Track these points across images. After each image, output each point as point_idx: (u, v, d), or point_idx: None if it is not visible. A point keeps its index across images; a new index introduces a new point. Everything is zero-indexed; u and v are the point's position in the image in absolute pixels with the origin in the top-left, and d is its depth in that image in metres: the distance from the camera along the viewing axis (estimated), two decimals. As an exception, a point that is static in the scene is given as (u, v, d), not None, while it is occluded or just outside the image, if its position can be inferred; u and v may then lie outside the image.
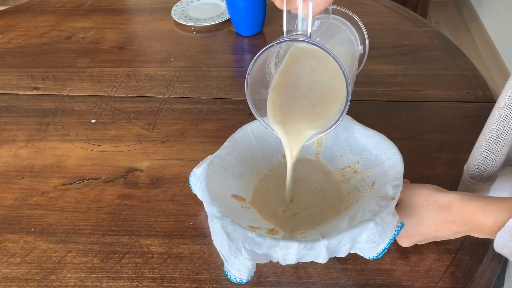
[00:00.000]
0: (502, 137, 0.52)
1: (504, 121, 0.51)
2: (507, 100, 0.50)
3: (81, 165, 0.71)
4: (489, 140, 0.53)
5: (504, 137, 0.52)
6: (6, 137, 0.77)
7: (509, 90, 0.50)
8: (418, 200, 0.51)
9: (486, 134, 0.54)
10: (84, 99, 0.85)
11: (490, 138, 0.53)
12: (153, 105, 0.83)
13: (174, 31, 1.05)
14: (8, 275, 0.57)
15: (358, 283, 0.54)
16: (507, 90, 0.50)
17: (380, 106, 0.80)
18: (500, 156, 0.54)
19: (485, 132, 0.54)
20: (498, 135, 0.52)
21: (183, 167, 0.70)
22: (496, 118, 0.52)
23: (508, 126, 0.51)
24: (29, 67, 0.95)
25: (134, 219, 0.63)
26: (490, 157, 0.54)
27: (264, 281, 0.55)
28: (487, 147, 0.54)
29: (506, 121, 0.51)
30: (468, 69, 0.86)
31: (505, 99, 0.50)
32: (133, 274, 0.56)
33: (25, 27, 1.09)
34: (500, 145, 0.53)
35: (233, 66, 0.94)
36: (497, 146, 0.53)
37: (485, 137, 0.54)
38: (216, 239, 0.50)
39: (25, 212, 0.65)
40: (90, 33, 1.05)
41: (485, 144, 0.54)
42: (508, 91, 0.50)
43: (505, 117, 0.51)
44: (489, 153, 0.54)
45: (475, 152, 0.56)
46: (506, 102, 0.50)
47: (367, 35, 0.63)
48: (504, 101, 0.50)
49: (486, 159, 0.55)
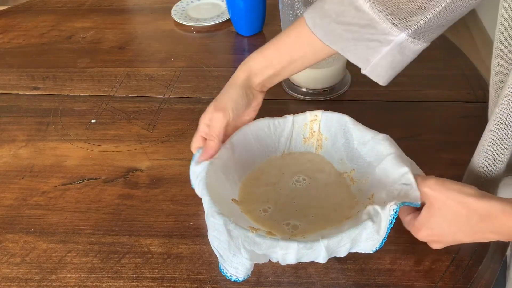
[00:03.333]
0: (499, 157, 0.52)
1: (498, 143, 0.51)
2: (498, 123, 0.50)
3: (81, 165, 0.71)
4: (486, 162, 0.53)
5: (501, 157, 0.52)
6: (6, 137, 0.77)
7: (498, 113, 0.50)
8: (456, 206, 0.47)
9: (481, 156, 0.53)
10: (84, 99, 0.85)
11: (487, 160, 0.53)
12: (153, 105, 0.83)
13: (174, 31, 1.05)
14: (8, 275, 0.57)
15: (358, 283, 0.54)
16: (496, 113, 0.50)
17: (380, 106, 0.80)
18: (499, 173, 0.54)
19: (480, 155, 0.54)
20: (495, 156, 0.52)
21: (183, 167, 0.70)
22: (490, 141, 0.52)
23: (504, 147, 0.51)
24: (29, 67, 0.95)
25: (134, 219, 0.63)
26: (489, 176, 0.54)
27: (264, 281, 0.55)
28: (484, 168, 0.54)
29: (500, 143, 0.51)
30: (468, 69, 0.86)
31: (496, 121, 0.50)
32: (133, 274, 0.56)
33: (25, 27, 1.09)
34: (497, 165, 0.53)
35: (233, 66, 0.93)
36: (495, 166, 0.53)
37: (480, 159, 0.54)
38: (214, 236, 0.50)
39: (25, 212, 0.65)
40: (90, 33, 1.05)
41: (481, 165, 0.54)
42: (497, 114, 0.50)
43: (498, 139, 0.51)
44: (487, 174, 0.54)
45: (471, 169, 0.56)
46: (497, 125, 0.50)
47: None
48: (495, 123, 0.50)
49: (485, 177, 0.55)
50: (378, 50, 0.55)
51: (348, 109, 0.61)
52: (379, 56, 0.56)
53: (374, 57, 0.56)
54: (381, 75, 0.58)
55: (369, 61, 0.57)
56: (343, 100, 0.82)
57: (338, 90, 0.83)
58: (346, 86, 0.84)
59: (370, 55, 0.56)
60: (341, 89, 0.83)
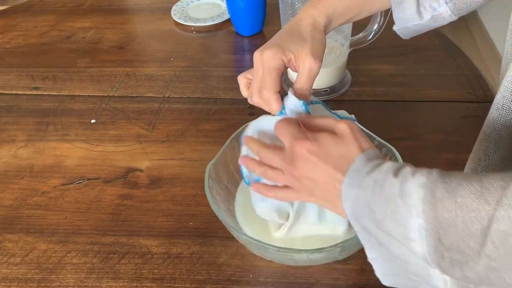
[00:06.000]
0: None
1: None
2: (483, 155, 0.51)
3: (80, 165, 0.71)
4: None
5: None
6: (6, 137, 0.77)
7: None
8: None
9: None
10: (84, 99, 0.85)
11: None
12: (153, 105, 0.83)
13: (174, 31, 1.04)
14: (7, 275, 0.57)
15: (358, 283, 0.54)
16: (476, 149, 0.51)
17: (380, 106, 0.80)
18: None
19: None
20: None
21: (183, 167, 0.70)
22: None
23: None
24: (29, 67, 0.95)
25: (134, 219, 0.63)
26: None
27: (264, 281, 0.55)
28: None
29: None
30: (468, 69, 0.86)
31: (481, 154, 0.51)
32: (132, 274, 0.56)
33: (25, 27, 1.08)
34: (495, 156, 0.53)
35: (233, 66, 0.94)
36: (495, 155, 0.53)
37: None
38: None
39: (24, 212, 0.65)
40: (90, 33, 1.05)
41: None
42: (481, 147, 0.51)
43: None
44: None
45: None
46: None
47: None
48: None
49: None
50: (421, 17, 0.59)
51: (348, 109, 0.61)
52: (417, 23, 0.60)
53: (413, 22, 0.60)
54: (407, 34, 0.64)
55: (407, 24, 0.61)
56: (343, 100, 0.81)
57: (338, 90, 0.83)
58: (346, 86, 0.84)
59: (411, 21, 0.60)
60: (341, 89, 0.83)
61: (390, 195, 0.38)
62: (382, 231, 0.39)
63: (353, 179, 0.41)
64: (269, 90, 0.51)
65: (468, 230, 0.33)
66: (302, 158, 0.44)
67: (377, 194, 0.38)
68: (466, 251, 0.34)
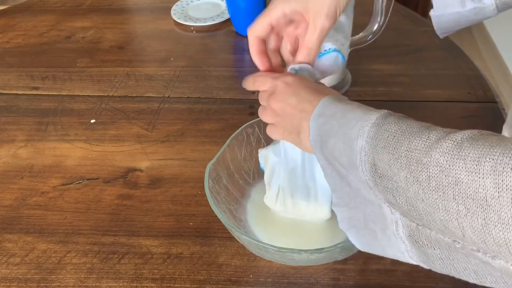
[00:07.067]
0: None
1: None
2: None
3: (80, 165, 0.71)
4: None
5: None
6: (6, 137, 0.77)
7: None
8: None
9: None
10: (83, 99, 0.85)
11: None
12: (152, 105, 0.83)
13: (174, 30, 1.04)
14: (7, 275, 0.57)
15: (359, 283, 0.54)
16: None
17: (380, 106, 0.79)
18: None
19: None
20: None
21: (182, 167, 0.70)
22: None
23: None
24: (29, 67, 0.95)
25: (133, 219, 0.63)
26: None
27: (264, 281, 0.55)
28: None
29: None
30: (469, 69, 0.86)
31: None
32: (132, 274, 0.56)
33: (25, 26, 1.08)
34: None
35: (233, 66, 0.94)
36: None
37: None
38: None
39: (24, 212, 0.65)
40: (90, 32, 1.05)
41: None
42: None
43: None
44: None
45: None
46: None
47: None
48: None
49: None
50: (463, 4, 0.54)
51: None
52: (457, 10, 0.55)
53: (454, 9, 0.55)
54: (441, 24, 0.58)
55: (446, 10, 0.55)
56: (343, 100, 0.81)
57: (338, 90, 0.83)
58: (347, 86, 0.83)
59: (451, 7, 0.55)
60: (341, 89, 0.83)
61: (348, 120, 0.40)
62: (339, 163, 0.40)
63: (320, 109, 0.44)
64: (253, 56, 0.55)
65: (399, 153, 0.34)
66: (281, 86, 0.48)
67: (339, 120, 0.41)
68: (394, 178, 0.34)
